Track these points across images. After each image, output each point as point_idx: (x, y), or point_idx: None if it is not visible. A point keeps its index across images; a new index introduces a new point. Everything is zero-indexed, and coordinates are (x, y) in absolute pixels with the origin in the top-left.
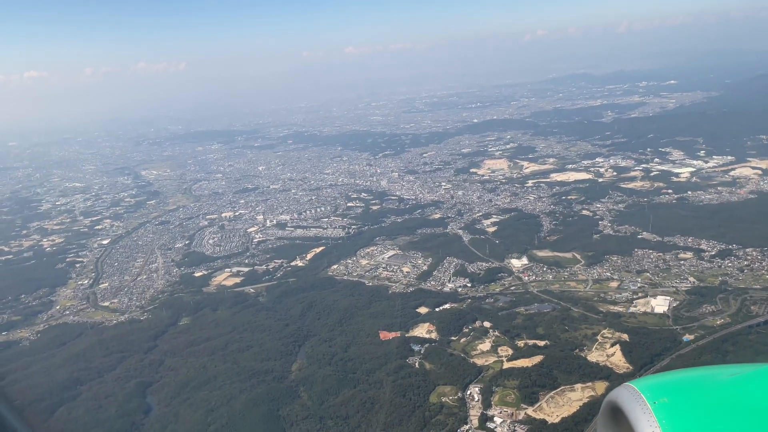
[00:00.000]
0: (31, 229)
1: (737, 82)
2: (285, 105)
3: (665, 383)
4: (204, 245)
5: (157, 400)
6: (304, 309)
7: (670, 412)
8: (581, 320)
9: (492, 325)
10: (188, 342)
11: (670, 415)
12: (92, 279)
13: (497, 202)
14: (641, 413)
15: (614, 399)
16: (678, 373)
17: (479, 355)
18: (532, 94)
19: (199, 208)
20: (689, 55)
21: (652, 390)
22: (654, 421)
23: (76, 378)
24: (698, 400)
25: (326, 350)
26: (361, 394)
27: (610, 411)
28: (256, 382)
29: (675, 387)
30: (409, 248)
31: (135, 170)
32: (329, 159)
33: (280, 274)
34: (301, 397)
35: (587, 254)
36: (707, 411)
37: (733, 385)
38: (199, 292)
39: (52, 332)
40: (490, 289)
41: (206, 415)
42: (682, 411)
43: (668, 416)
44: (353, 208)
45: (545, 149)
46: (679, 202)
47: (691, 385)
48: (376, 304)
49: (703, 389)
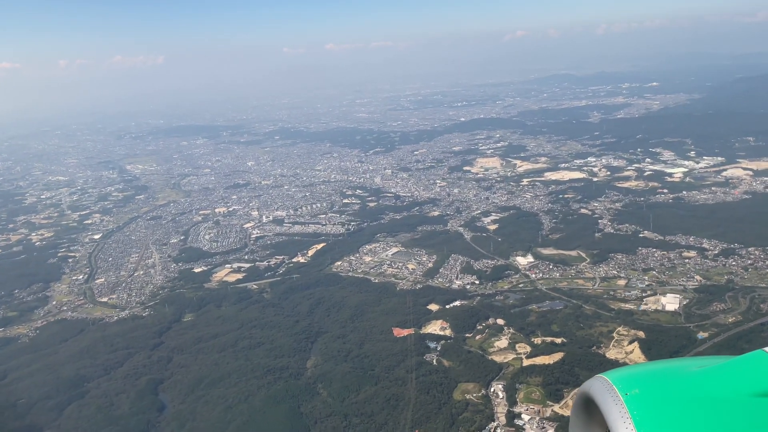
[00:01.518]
0: (18, 223)
1: (718, 85)
2: (267, 101)
3: (637, 375)
4: (200, 241)
5: (170, 398)
6: (312, 306)
7: (642, 403)
8: (594, 318)
9: (505, 322)
10: (195, 338)
11: (642, 406)
12: (87, 274)
13: (494, 200)
14: (613, 404)
15: (587, 390)
16: (649, 365)
17: (497, 353)
18: (516, 94)
19: (191, 204)
20: (667, 57)
21: (624, 381)
22: (626, 412)
23: (82, 375)
24: (669, 391)
25: (340, 347)
26: (384, 391)
27: (583, 402)
28: (273, 379)
29: (646, 379)
30: (411, 245)
31: (119, 164)
32: (319, 155)
33: (282, 271)
34: (320, 394)
35: (592, 252)
36: (677, 402)
37: (702, 377)
38: (200, 288)
39: (52, 328)
40: (498, 286)
41: (225, 412)
42: (653, 402)
43: (640, 407)
44: (350, 205)
45: (536, 148)
46: (675, 201)
47: (662, 377)
48: (386, 301)
49: (673, 381)
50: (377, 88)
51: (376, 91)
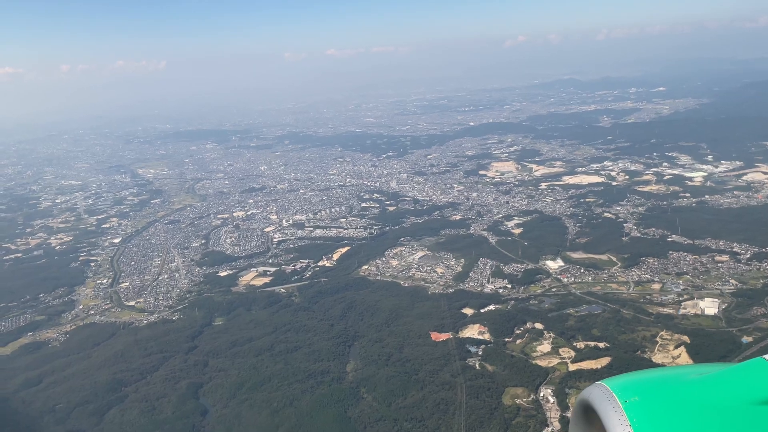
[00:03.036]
0: (36, 227)
1: (726, 90)
2: (273, 106)
3: (636, 382)
4: (222, 245)
5: (211, 402)
6: (344, 309)
7: (641, 411)
8: (634, 322)
9: (544, 326)
10: (230, 342)
11: (641, 413)
12: (111, 278)
13: (514, 204)
14: (613, 412)
15: (586, 397)
16: (648, 372)
17: (541, 357)
18: (522, 99)
19: (208, 208)
20: (670, 62)
21: (623, 389)
22: (625, 419)
23: (119, 379)
24: (668, 399)
25: (379, 351)
26: (432, 396)
27: (582, 409)
28: (315, 383)
29: (646, 386)
30: (437, 249)
31: (131, 168)
32: (331, 160)
33: (309, 274)
34: (365, 398)
35: (622, 256)
36: (677, 410)
37: (702, 385)
38: (228, 292)
39: (83, 332)
40: (530, 290)
41: (272, 416)
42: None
43: (639, 415)
44: (369, 209)
45: (550, 152)
46: (699, 205)
47: (661, 385)
48: (420, 305)
49: (673, 388)
50: (382, 93)
51: (381, 96)
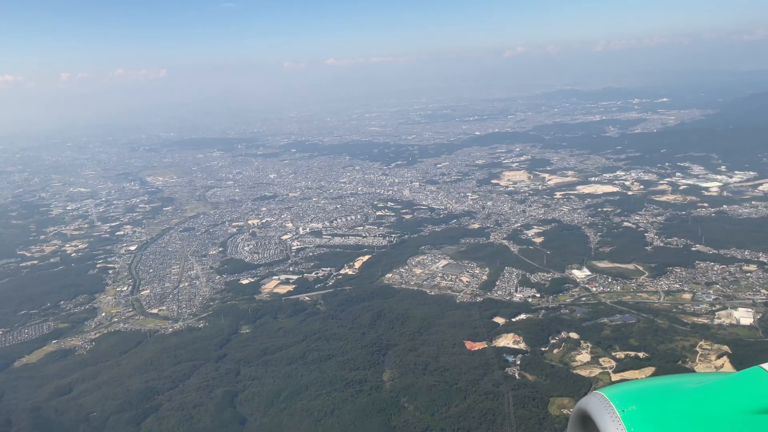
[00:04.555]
0: (49, 234)
1: (730, 101)
2: (275, 114)
3: (634, 391)
4: (240, 252)
5: (249, 411)
6: (373, 318)
7: (639, 420)
8: (671, 332)
9: (580, 336)
10: (260, 351)
11: (639, 422)
12: (130, 286)
13: (531, 213)
14: (610, 421)
15: (584, 407)
16: (646, 381)
17: (581, 367)
18: (526, 109)
19: (221, 215)
20: (670, 74)
21: (621, 398)
22: (623, 428)
23: (151, 388)
24: (665, 408)
25: (415, 360)
26: (478, 405)
27: (579, 418)
28: (355, 392)
29: (643, 395)
30: (459, 258)
31: (139, 176)
32: (341, 168)
33: (332, 282)
34: (406, 407)
35: (649, 266)
36: (674, 419)
37: (699, 394)
38: (252, 300)
39: (109, 340)
40: (559, 299)
41: (315, 425)
42: (650, 419)
43: (637, 424)
44: (385, 217)
45: (560, 162)
46: (718, 215)
47: (659, 394)
48: (450, 314)
49: (671, 398)
50: (384, 103)
51: (383, 106)
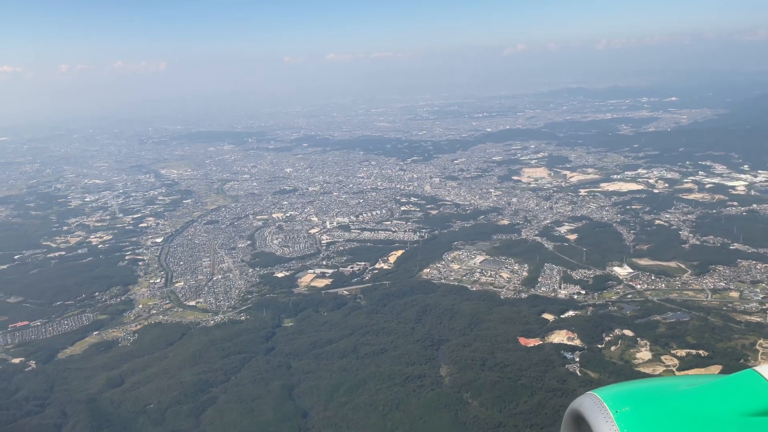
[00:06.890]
0: (72, 225)
1: (740, 101)
2: (280, 108)
3: (627, 392)
4: (269, 245)
5: (309, 404)
6: (418, 313)
7: (632, 421)
8: (727, 330)
9: (635, 333)
10: (309, 344)
11: (632, 423)
12: (163, 278)
13: (558, 209)
14: (604, 422)
15: (577, 407)
16: (639, 382)
17: (643, 365)
18: (534, 106)
19: (243, 209)
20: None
21: (614, 399)
22: (616, 429)
23: (204, 380)
24: (659, 409)
25: (471, 355)
26: (549, 402)
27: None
28: (416, 387)
29: (637, 396)
30: (495, 253)
31: (153, 169)
32: (356, 163)
33: (368, 277)
34: (471, 403)
35: (691, 263)
36: (667, 420)
37: (692, 396)
38: (290, 293)
39: (151, 332)
40: (604, 296)
41: (382, 419)
42: (643, 420)
43: (630, 425)
44: (410, 212)
45: (578, 159)
46: (750, 214)
47: (653, 395)
48: (497, 309)
49: (664, 399)
50: (388, 98)
51: (388, 101)
